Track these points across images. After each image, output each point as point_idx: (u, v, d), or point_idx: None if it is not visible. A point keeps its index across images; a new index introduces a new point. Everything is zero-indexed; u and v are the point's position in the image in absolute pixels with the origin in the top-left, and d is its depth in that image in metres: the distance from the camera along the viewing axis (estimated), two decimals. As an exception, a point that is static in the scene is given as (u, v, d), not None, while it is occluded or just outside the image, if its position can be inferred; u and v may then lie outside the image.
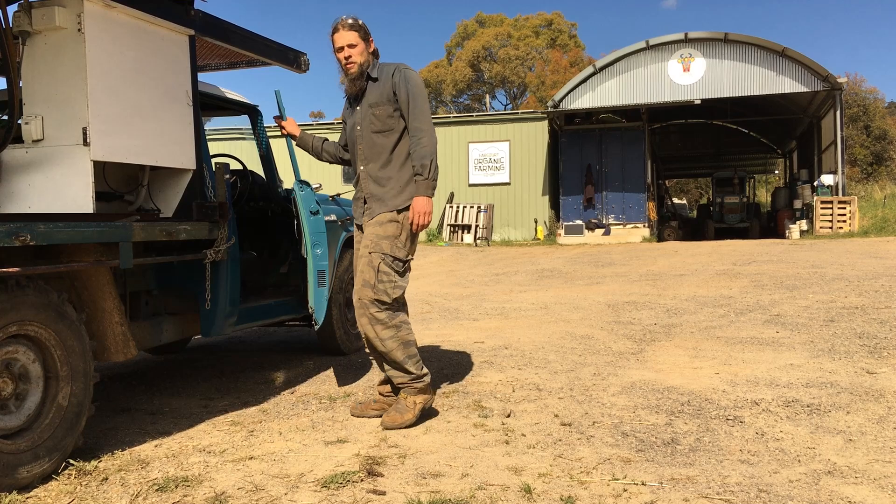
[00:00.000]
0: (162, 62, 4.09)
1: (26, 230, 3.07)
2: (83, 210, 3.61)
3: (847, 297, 8.29)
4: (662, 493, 2.99)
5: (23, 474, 3.11)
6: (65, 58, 3.64)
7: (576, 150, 24.07)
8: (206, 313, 4.51)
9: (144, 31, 3.97)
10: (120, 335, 3.80)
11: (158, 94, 4.06)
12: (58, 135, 3.67)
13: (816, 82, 21.61)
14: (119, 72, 3.80)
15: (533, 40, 47.65)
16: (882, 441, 3.56)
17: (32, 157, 3.71)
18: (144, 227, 3.78)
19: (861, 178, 36.88)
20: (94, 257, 3.58)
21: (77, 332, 3.45)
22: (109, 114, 3.72)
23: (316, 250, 4.84)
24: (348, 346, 6.06)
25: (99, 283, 3.73)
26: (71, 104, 3.63)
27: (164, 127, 4.08)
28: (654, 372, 5.13)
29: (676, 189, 48.88)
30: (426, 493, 3.04)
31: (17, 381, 3.24)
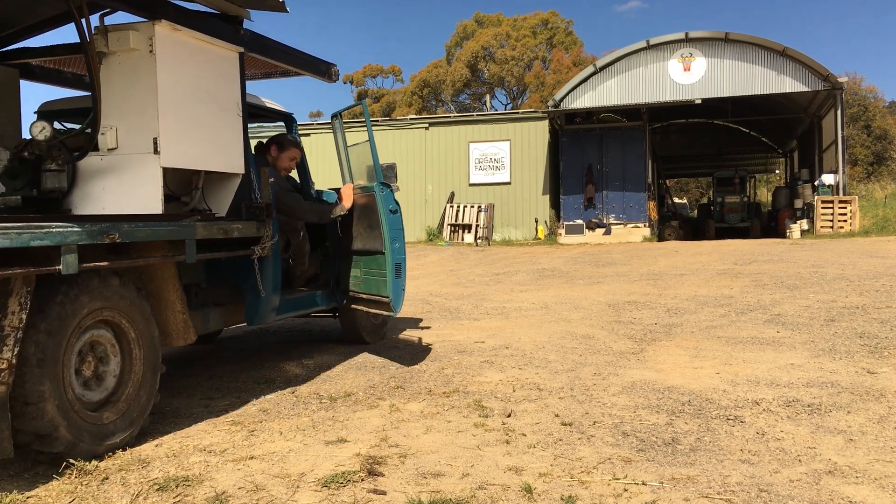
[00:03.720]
0: (216, 77, 4.58)
1: (114, 229, 3.55)
2: (153, 211, 4.09)
3: (848, 296, 8.28)
4: (663, 493, 2.99)
5: (107, 442, 3.57)
6: (138, 76, 4.12)
7: (576, 150, 24.05)
8: (251, 303, 5.00)
9: (202, 49, 4.46)
10: (181, 322, 4.27)
11: (213, 105, 4.54)
12: (131, 144, 4.15)
13: (817, 82, 21.60)
14: (183, 87, 4.29)
15: (530, 40, 47.62)
16: (883, 441, 3.56)
17: (107, 164, 4.19)
18: (205, 226, 4.29)
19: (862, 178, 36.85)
20: (162, 253, 4.05)
21: (148, 319, 3.92)
22: (175, 125, 4.20)
23: (394, 245, 5.29)
24: (370, 336, 6.46)
25: (164, 276, 4.19)
26: (143, 117, 4.10)
27: (218, 135, 4.57)
28: (655, 372, 5.13)
29: (677, 189, 48.85)
30: (427, 492, 3.04)
31: (100, 362, 3.70)
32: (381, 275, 5.39)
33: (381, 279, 5.39)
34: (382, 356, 5.94)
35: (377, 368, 5.49)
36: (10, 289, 3.17)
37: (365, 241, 5.58)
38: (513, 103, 48.68)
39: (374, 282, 5.48)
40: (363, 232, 5.60)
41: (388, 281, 5.27)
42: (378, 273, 5.43)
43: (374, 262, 5.49)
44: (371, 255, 5.51)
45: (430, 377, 5.16)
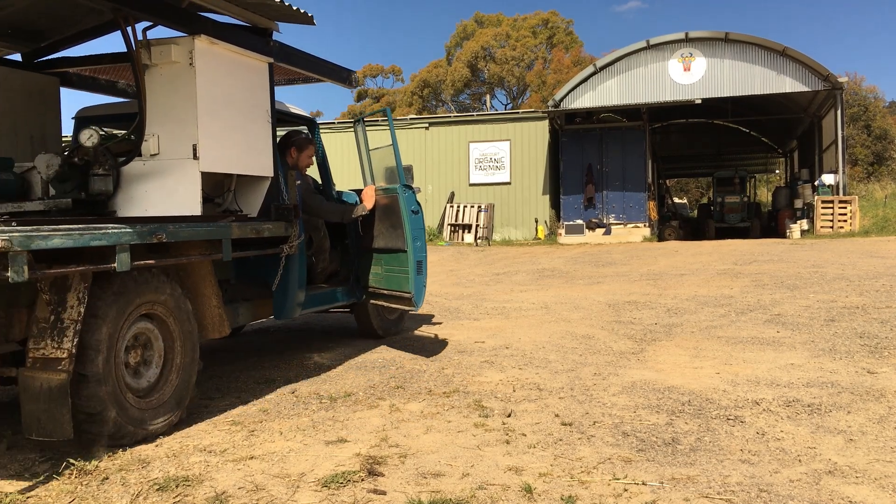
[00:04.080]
0: (249, 86, 4.89)
1: (161, 230, 3.87)
2: (192, 213, 4.38)
3: (848, 296, 8.28)
4: (663, 493, 2.99)
5: (152, 426, 3.87)
6: (178, 86, 4.42)
7: (576, 150, 24.05)
8: (279, 299, 5.32)
9: (236, 61, 4.78)
10: (217, 316, 4.58)
11: (246, 113, 4.85)
12: (172, 150, 4.46)
13: (817, 82, 21.59)
14: (219, 96, 4.60)
15: (530, 40, 47.62)
16: (883, 441, 3.56)
17: (149, 169, 4.49)
18: (240, 226, 4.63)
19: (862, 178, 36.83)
20: (201, 251, 4.36)
21: (187, 313, 4.23)
22: (212, 132, 4.51)
23: (416, 243, 5.56)
24: (384, 331, 6.72)
25: (202, 273, 4.51)
26: (183, 125, 4.41)
27: (249, 141, 4.88)
28: (655, 372, 5.13)
29: (677, 189, 48.83)
30: (427, 492, 3.04)
31: (145, 352, 4.03)
32: (403, 272, 5.64)
33: (402, 276, 5.64)
34: (382, 356, 5.94)
35: (377, 368, 5.49)
36: (69, 284, 3.50)
37: (387, 239, 5.83)
38: (513, 103, 48.69)
39: (396, 278, 5.73)
40: (385, 231, 5.84)
41: (410, 277, 5.53)
42: (400, 270, 5.68)
43: (396, 259, 5.73)
44: (393, 252, 5.76)
45: (430, 377, 5.16)
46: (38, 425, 3.38)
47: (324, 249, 6.13)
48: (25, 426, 3.41)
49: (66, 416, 3.36)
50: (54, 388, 3.36)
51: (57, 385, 3.36)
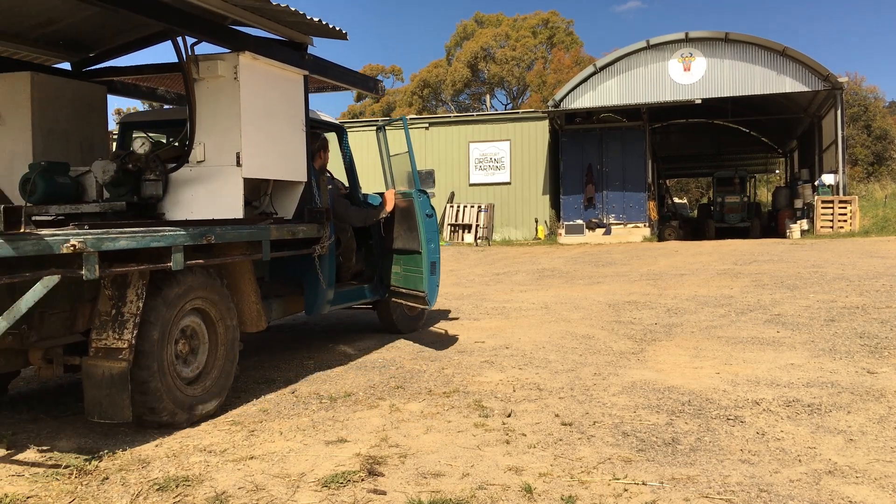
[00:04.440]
0: (286, 97, 5.24)
1: (211, 232, 4.24)
2: (235, 216, 4.71)
3: (848, 296, 8.28)
4: (663, 493, 2.99)
5: (198, 411, 4.19)
6: (224, 99, 4.75)
7: (576, 150, 24.05)
8: (310, 296, 5.68)
9: (276, 74, 5.13)
10: (255, 312, 4.96)
11: (283, 122, 5.19)
12: (217, 157, 4.77)
13: (817, 82, 21.59)
14: (260, 107, 4.92)
15: (530, 40, 47.60)
16: (883, 441, 3.56)
17: (195, 174, 4.81)
18: (277, 228, 4.99)
19: (862, 178, 36.82)
20: (242, 251, 4.74)
21: (230, 308, 4.57)
22: (254, 141, 4.83)
23: (430, 245, 5.91)
24: (404, 326, 7.01)
25: (242, 271, 4.89)
26: (228, 134, 4.74)
27: (286, 148, 5.23)
28: (655, 372, 5.13)
29: (677, 189, 48.82)
30: (427, 492, 3.04)
31: (192, 343, 4.35)
32: (418, 272, 5.99)
33: (418, 276, 5.99)
34: (382, 356, 5.94)
35: (377, 368, 5.49)
36: (128, 281, 3.85)
37: (405, 241, 6.19)
38: (513, 103, 48.68)
39: (413, 278, 6.08)
40: (403, 233, 6.21)
41: (424, 277, 5.89)
42: (416, 270, 6.03)
43: (412, 260, 6.09)
44: (410, 253, 6.12)
45: (430, 377, 5.16)
46: (99, 409, 3.74)
47: (350, 250, 6.44)
48: (88, 410, 3.76)
49: (125, 401, 3.71)
50: (116, 375, 3.71)
51: (118, 373, 3.71)
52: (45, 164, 4.66)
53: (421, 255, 5.91)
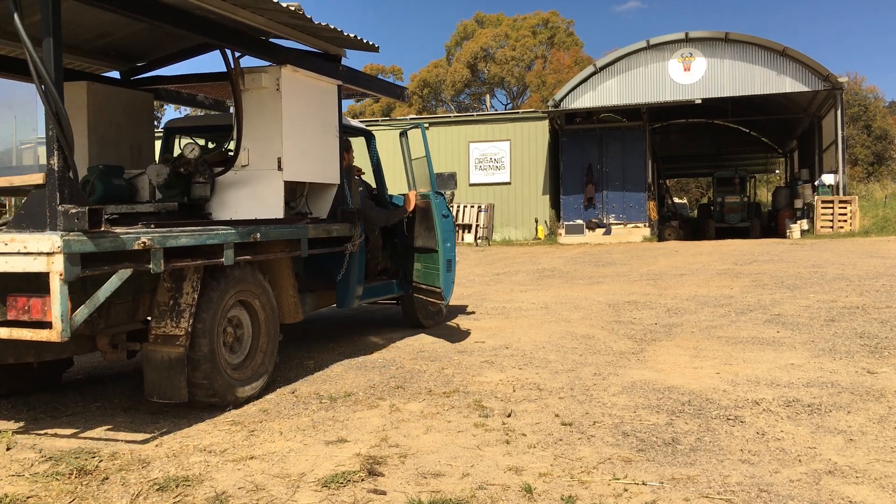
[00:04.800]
0: (322, 106, 5.63)
1: (257, 230, 4.68)
2: (276, 216, 5.09)
3: (848, 296, 8.28)
4: (663, 493, 2.99)
5: (242, 394, 4.57)
6: (267, 108, 5.11)
7: (576, 150, 24.05)
8: (341, 290, 6.10)
9: (313, 85, 5.52)
10: (293, 304, 5.40)
11: (319, 129, 5.58)
12: (260, 162, 5.14)
13: (817, 82, 21.60)
14: (300, 115, 5.30)
15: (530, 40, 47.59)
16: (883, 441, 3.56)
17: (240, 178, 5.17)
18: (314, 227, 5.43)
19: (862, 178, 36.82)
20: (283, 248, 5.15)
21: (270, 300, 4.98)
22: (294, 146, 5.20)
23: (446, 244, 6.29)
24: (427, 321, 7.37)
25: (281, 267, 5.31)
26: (270, 141, 5.10)
27: (322, 153, 5.61)
28: (655, 372, 5.13)
29: (677, 189, 48.82)
30: (427, 492, 3.04)
31: (237, 332, 4.74)
32: (435, 269, 6.35)
33: (435, 272, 6.35)
34: (382, 356, 5.94)
35: (377, 368, 5.49)
36: (185, 275, 4.24)
37: (424, 240, 6.57)
38: (513, 103, 48.68)
39: (431, 274, 6.45)
40: (423, 232, 6.60)
41: (441, 274, 6.25)
42: (433, 267, 6.38)
43: (430, 258, 6.47)
44: (428, 251, 6.49)
45: (430, 377, 5.16)
46: (158, 390, 4.16)
47: (377, 248, 6.84)
48: (147, 391, 4.18)
49: (182, 382, 4.13)
50: (173, 359, 4.13)
51: (175, 357, 4.13)
52: (103, 168, 4.96)
53: (438, 253, 6.27)
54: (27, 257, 3.45)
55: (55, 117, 3.59)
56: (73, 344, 4.17)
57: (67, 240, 3.42)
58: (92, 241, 3.53)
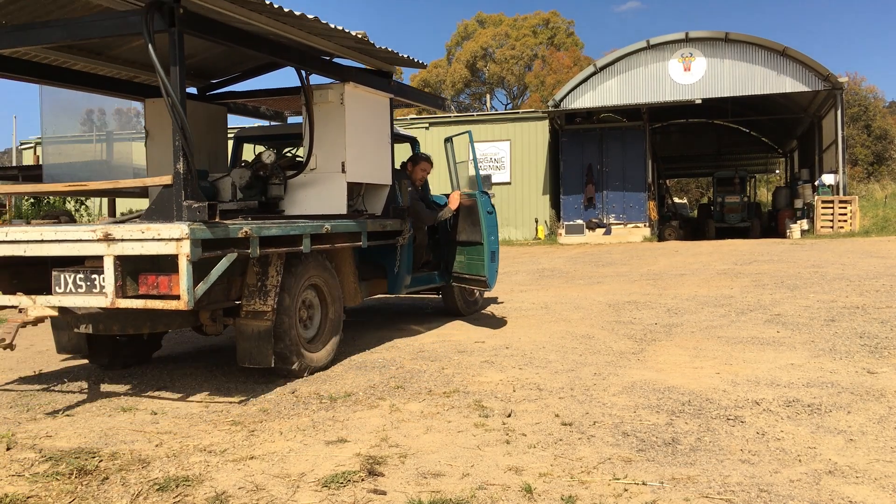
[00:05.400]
0: (377, 116, 6.45)
1: (327, 223, 5.47)
2: (340, 212, 5.91)
3: (848, 296, 8.28)
4: (663, 493, 2.99)
5: (314, 364, 5.37)
6: (332, 119, 5.93)
7: (576, 150, 24.05)
8: (392, 279, 6.88)
9: (370, 98, 6.35)
10: (353, 289, 6.19)
11: (375, 136, 6.39)
12: (326, 166, 5.95)
13: (817, 82, 21.59)
14: (360, 125, 6.09)
15: (531, 39, 47.57)
16: (883, 441, 3.56)
17: (308, 180, 6.01)
18: (372, 222, 6.23)
19: (862, 178, 36.81)
20: (346, 240, 5.84)
21: (336, 284, 5.78)
22: (355, 152, 6.00)
23: (490, 237, 6.96)
24: (465, 310, 8.06)
25: (344, 256, 6.08)
26: (335, 147, 5.91)
27: (377, 157, 6.41)
28: (655, 372, 5.13)
29: (677, 189, 48.79)
30: (427, 492, 3.04)
31: (309, 312, 5.55)
32: (480, 260, 7.02)
33: (480, 263, 7.02)
34: (382, 356, 5.94)
35: (377, 368, 5.49)
36: (270, 261, 4.96)
37: (469, 234, 7.22)
38: (513, 103, 48.66)
39: (475, 265, 7.11)
40: (467, 227, 7.25)
41: (486, 264, 6.92)
42: (478, 258, 7.05)
43: (475, 250, 7.12)
44: (473, 245, 7.15)
45: (430, 377, 5.16)
46: (249, 357, 4.94)
47: (423, 243, 7.47)
48: (240, 358, 4.96)
49: (269, 351, 4.90)
50: (262, 331, 4.90)
51: (264, 329, 4.90)
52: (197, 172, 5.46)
53: (483, 245, 6.94)
54: (160, 243, 4.17)
55: (181, 131, 4.34)
56: (184, 316, 4.97)
57: (192, 228, 4.15)
58: (210, 230, 4.30)
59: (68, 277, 4.54)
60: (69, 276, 4.54)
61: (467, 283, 7.45)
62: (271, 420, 4.20)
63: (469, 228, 7.22)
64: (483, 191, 7.14)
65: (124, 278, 4.32)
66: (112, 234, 4.24)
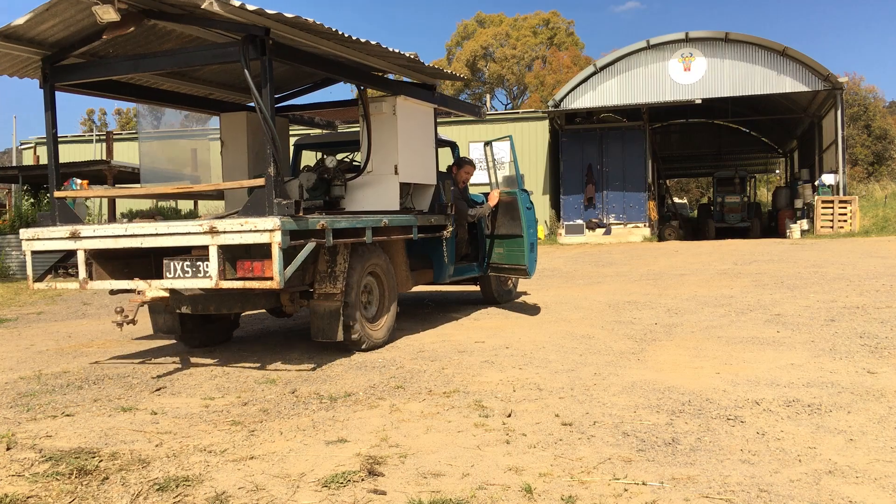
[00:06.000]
0: (423, 124, 7.26)
1: (385, 217, 6.28)
2: (394, 209, 6.70)
3: (848, 296, 8.28)
4: (663, 493, 2.99)
5: (376, 339, 6.25)
6: (386, 128, 6.73)
7: (576, 150, 24.06)
8: (437, 269, 7.72)
9: (418, 109, 7.15)
10: (405, 277, 7.10)
11: (422, 142, 7.20)
12: (381, 168, 6.75)
13: (817, 82, 21.60)
14: (410, 132, 6.91)
15: (531, 39, 47.56)
16: (883, 441, 3.55)
17: (365, 181, 6.83)
18: (421, 217, 7.02)
19: (862, 178, 36.80)
20: (399, 232, 6.60)
21: (391, 272, 6.61)
22: (406, 156, 6.79)
23: (529, 230, 7.76)
24: (501, 298, 8.95)
25: (397, 247, 6.96)
26: (389, 152, 6.71)
27: (424, 160, 7.21)
28: (655, 372, 5.13)
29: (677, 188, 48.80)
30: (427, 492, 3.04)
31: (369, 297, 6.41)
32: (520, 251, 7.80)
33: (519, 253, 7.80)
34: (382, 356, 5.94)
35: (377, 368, 5.49)
36: (338, 250, 5.83)
37: (509, 228, 7.98)
38: (513, 103, 48.65)
39: (515, 255, 7.89)
40: (507, 222, 8.00)
41: (525, 254, 7.71)
42: (518, 250, 7.83)
43: (514, 242, 7.88)
44: (513, 237, 7.91)
45: (430, 377, 5.16)
46: (321, 333, 5.82)
47: (464, 237, 8.27)
48: (313, 334, 5.85)
49: (338, 327, 5.79)
50: (332, 311, 5.78)
51: (334, 309, 5.78)
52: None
53: (523, 238, 7.69)
54: (256, 234, 5.03)
55: (272, 141, 5.20)
56: (268, 298, 5.90)
57: (283, 221, 5.02)
58: (296, 223, 5.16)
59: (177, 264, 5.42)
60: (178, 264, 5.42)
61: (507, 273, 8.23)
62: (271, 420, 4.20)
63: (509, 223, 7.94)
64: (522, 189, 7.89)
65: (225, 264, 5.17)
66: (216, 228, 5.12)
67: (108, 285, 5.78)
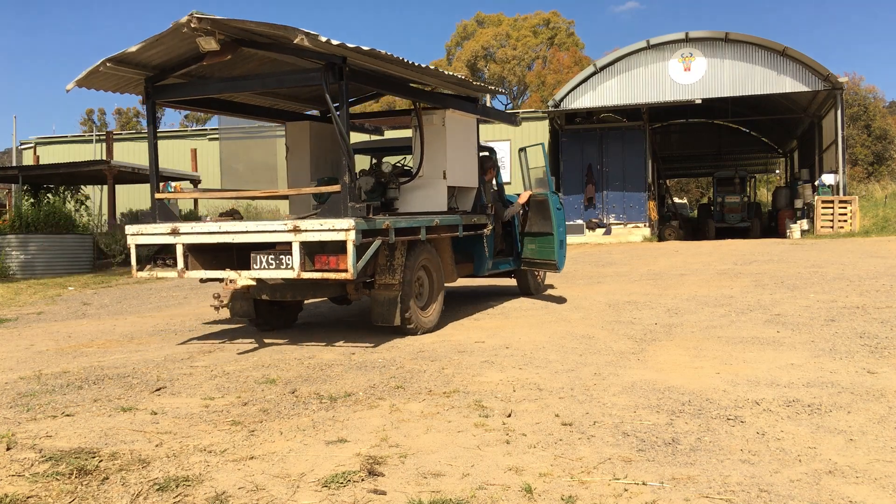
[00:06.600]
0: (468, 134, 8.07)
1: (436, 217, 7.11)
2: (442, 209, 7.53)
3: (848, 296, 8.28)
4: (663, 493, 2.99)
5: (426, 324, 7.01)
6: (436, 137, 7.52)
7: (576, 150, 24.06)
8: (478, 262, 8.48)
9: (463, 120, 7.94)
10: (451, 270, 7.84)
11: (467, 149, 8.02)
12: (431, 173, 7.56)
13: (817, 82, 21.59)
14: (457, 141, 7.71)
15: (531, 40, 47.55)
16: (883, 441, 3.55)
17: (417, 184, 7.61)
18: (465, 217, 7.82)
19: (862, 178, 36.77)
20: (447, 231, 7.35)
21: (439, 265, 7.38)
22: (453, 162, 7.59)
23: (559, 229, 8.56)
24: (536, 290, 9.79)
25: (444, 244, 7.66)
26: (438, 159, 7.51)
27: (468, 166, 8.04)
28: (655, 372, 5.13)
29: (677, 189, 48.77)
30: (427, 492, 3.04)
31: (421, 286, 7.15)
32: (550, 247, 8.59)
33: (550, 250, 8.60)
34: (382, 356, 5.94)
35: (377, 368, 5.49)
36: (395, 246, 6.57)
37: (540, 226, 8.77)
38: (513, 103, 48.63)
39: (546, 251, 8.68)
40: (539, 221, 8.79)
41: (555, 250, 8.51)
42: (549, 246, 8.62)
43: (546, 240, 8.67)
44: (544, 235, 8.69)
45: (430, 377, 5.15)
46: (381, 318, 6.61)
47: (500, 235, 9.03)
48: (374, 319, 6.66)
49: (396, 313, 6.57)
50: (391, 299, 6.57)
51: (392, 297, 6.57)
52: (327, 179, 7.28)
53: (553, 235, 8.48)
54: (333, 232, 5.89)
55: (346, 154, 6.05)
56: (335, 288, 6.72)
57: (357, 221, 5.88)
58: (367, 223, 6.01)
59: (262, 258, 6.26)
60: (263, 257, 6.26)
61: (538, 267, 9.03)
62: (271, 420, 4.20)
63: (540, 222, 8.72)
64: (553, 191, 8.69)
65: (304, 258, 6.00)
66: (299, 227, 5.97)
67: (201, 274, 6.61)
